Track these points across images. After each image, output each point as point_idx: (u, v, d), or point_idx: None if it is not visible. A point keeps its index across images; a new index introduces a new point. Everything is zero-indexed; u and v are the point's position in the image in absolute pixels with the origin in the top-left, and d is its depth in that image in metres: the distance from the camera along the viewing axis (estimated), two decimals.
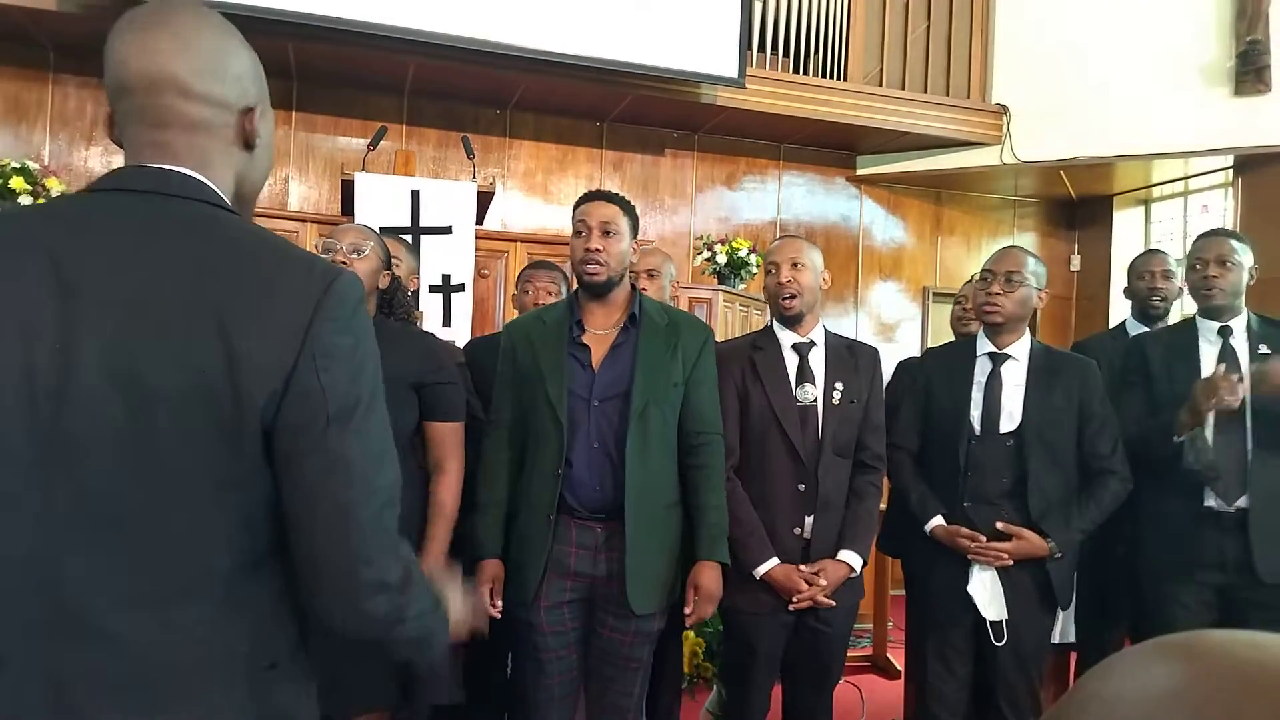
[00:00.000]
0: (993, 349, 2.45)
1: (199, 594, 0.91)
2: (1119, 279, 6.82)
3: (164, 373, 0.88)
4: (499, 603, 2.13)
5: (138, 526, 0.89)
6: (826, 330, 2.45)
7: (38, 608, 0.88)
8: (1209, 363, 2.46)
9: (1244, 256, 2.47)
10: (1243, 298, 2.51)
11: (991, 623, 2.34)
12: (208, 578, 0.91)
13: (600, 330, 2.19)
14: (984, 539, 2.33)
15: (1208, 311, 2.51)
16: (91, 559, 0.88)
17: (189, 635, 0.90)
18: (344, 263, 2.09)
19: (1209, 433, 2.42)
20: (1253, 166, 5.75)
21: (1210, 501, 2.42)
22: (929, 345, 6.18)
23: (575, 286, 2.26)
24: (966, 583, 2.35)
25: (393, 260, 2.44)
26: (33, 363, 0.88)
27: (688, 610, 2.14)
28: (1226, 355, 2.45)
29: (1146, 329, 3.03)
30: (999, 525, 2.33)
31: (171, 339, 0.89)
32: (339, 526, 0.93)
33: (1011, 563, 2.32)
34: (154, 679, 0.90)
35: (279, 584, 0.98)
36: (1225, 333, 2.48)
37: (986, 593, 2.34)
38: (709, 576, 2.14)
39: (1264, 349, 2.43)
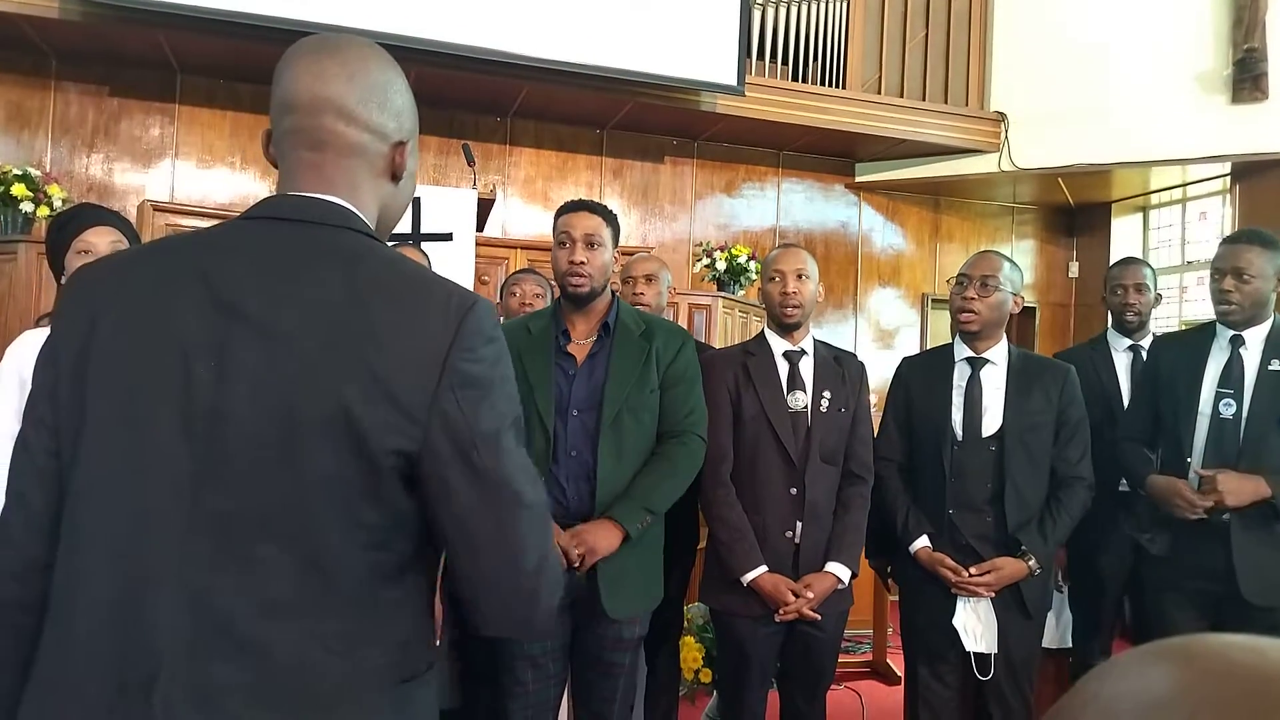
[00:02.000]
0: (971, 354, 2.46)
1: (340, 607, 0.93)
2: None
3: (312, 397, 0.91)
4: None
5: (282, 541, 0.91)
6: (815, 340, 2.47)
7: (187, 619, 0.90)
8: (1214, 372, 2.41)
9: (1268, 264, 2.36)
10: (1269, 306, 2.40)
11: (978, 655, 2.35)
12: (348, 592, 0.94)
13: (581, 340, 2.20)
14: (965, 573, 2.34)
15: (1227, 321, 2.43)
16: (238, 571, 0.90)
17: (331, 647, 0.92)
18: None
19: (1199, 443, 2.40)
20: (1250, 173, 5.76)
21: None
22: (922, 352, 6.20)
23: (558, 295, 2.27)
24: (953, 612, 2.37)
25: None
26: (190, 381, 0.91)
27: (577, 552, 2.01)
28: (1233, 365, 2.40)
29: (1126, 339, 3.02)
30: (973, 570, 2.34)
31: (320, 365, 0.91)
32: (505, 543, 0.96)
33: (994, 595, 2.34)
34: (298, 690, 0.92)
35: (416, 597, 1.01)
36: (1236, 342, 2.41)
37: (977, 625, 2.35)
38: (595, 529, 2.02)
39: (1275, 364, 2.35)
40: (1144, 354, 2.86)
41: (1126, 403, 2.84)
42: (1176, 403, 2.44)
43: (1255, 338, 2.39)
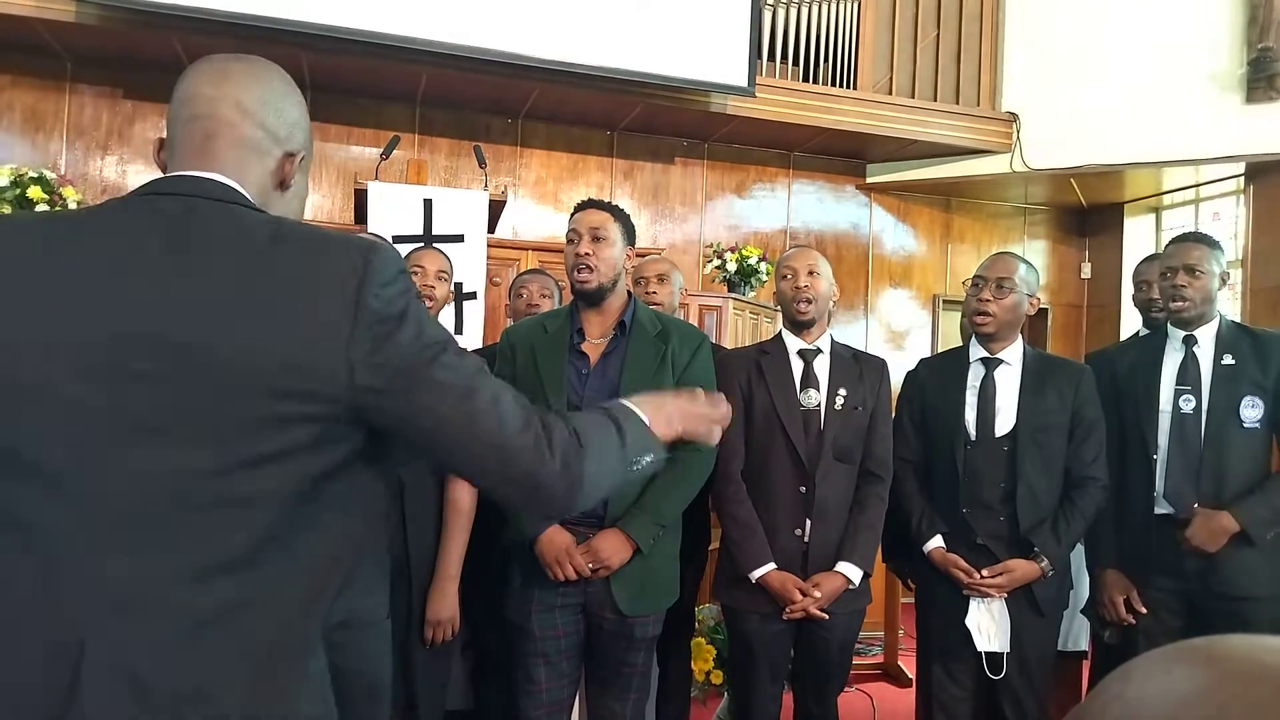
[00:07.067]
0: (985, 354, 2.47)
1: None
2: (1130, 287, 6.78)
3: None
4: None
5: None
6: (833, 339, 2.48)
7: None
8: (1171, 371, 2.46)
9: (1214, 263, 2.44)
10: (1215, 303, 2.48)
11: (990, 654, 2.35)
12: None
13: (596, 339, 2.20)
14: (977, 574, 2.34)
15: (1178, 320, 2.48)
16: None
17: None
18: None
19: (1164, 439, 2.42)
20: (1264, 174, 5.73)
21: (1162, 509, 2.41)
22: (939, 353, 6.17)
23: (569, 296, 2.28)
24: (966, 611, 2.36)
25: (440, 274, 2.58)
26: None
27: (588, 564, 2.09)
28: (1189, 363, 2.44)
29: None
30: (985, 572, 2.34)
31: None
32: (482, 436, 1.03)
33: (1005, 595, 2.34)
34: None
35: None
36: (1190, 342, 2.46)
37: (990, 624, 2.35)
38: (607, 542, 2.09)
39: (1228, 359, 2.41)
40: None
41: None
42: (1137, 402, 2.49)
43: (1206, 335, 2.46)
